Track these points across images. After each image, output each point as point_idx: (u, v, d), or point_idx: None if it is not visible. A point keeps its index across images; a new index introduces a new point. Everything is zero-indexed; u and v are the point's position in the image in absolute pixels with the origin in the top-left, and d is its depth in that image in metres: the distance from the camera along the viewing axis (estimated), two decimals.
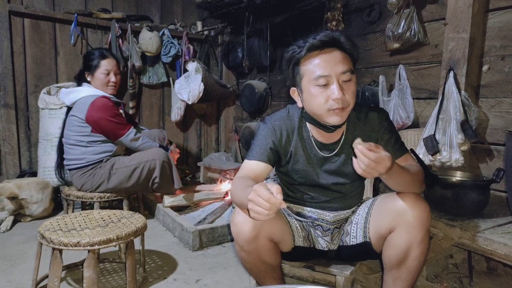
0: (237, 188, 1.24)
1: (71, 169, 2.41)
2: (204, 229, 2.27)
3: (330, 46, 1.24)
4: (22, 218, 2.69)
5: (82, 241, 1.44)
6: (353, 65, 1.29)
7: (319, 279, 1.49)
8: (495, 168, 1.61)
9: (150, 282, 1.85)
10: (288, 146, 1.42)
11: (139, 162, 2.40)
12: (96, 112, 2.32)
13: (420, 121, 2.33)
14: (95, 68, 2.45)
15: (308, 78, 1.26)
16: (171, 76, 3.78)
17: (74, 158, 2.38)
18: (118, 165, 2.38)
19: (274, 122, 1.42)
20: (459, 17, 1.98)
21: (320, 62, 1.23)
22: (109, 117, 2.34)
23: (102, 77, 2.45)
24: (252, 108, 3.67)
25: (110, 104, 2.37)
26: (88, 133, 2.36)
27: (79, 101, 2.37)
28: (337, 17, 2.70)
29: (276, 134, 1.40)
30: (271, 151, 1.39)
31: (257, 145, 1.40)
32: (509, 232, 1.49)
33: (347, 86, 1.24)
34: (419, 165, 1.40)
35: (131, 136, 2.43)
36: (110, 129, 2.37)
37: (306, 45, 1.24)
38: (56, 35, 3.21)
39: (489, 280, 1.81)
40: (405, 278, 1.32)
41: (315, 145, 1.41)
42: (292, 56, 1.29)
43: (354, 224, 1.46)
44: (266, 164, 1.37)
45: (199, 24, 3.95)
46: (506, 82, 1.96)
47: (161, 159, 2.43)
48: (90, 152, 2.38)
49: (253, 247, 1.29)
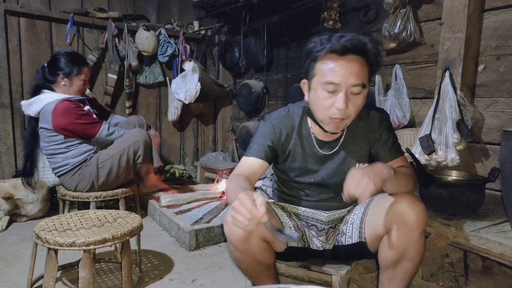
0: (231, 187, 1.25)
1: (59, 175, 2.36)
2: (200, 229, 2.27)
3: (352, 53, 1.19)
4: (18, 218, 2.68)
5: (78, 241, 1.44)
6: (370, 77, 1.26)
7: (315, 278, 1.49)
8: (491, 168, 1.61)
9: (146, 282, 1.84)
10: (287, 145, 1.41)
11: (123, 148, 2.34)
12: (60, 118, 2.21)
13: (416, 121, 2.33)
14: (75, 75, 2.34)
15: (318, 79, 1.23)
16: (167, 76, 3.77)
17: (58, 166, 2.32)
18: (103, 158, 2.32)
19: (274, 121, 1.41)
20: (455, 17, 1.98)
21: (334, 67, 1.19)
22: (76, 120, 2.24)
23: (81, 84, 2.38)
24: (249, 107, 3.67)
25: (72, 106, 2.25)
26: (62, 141, 2.28)
27: (42, 111, 2.26)
28: (333, 17, 2.70)
29: (276, 132, 1.40)
30: (269, 148, 1.38)
31: (256, 142, 1.40)
32: (504, 231, 1.49)
33: (354, 98, 1.22)
34: (411, 166, 1.40)
35: (105, 132, 2.34)
36: (81, 131, 2.28)
37: (327, 46, 1.18)
38: (52, 34, 3.19)
39: (485, 279, 1.81)
40: (400, 278, 1.32)
41: (315, 143, 1.41)
42: (311, 51, 1.24)
43: (350, 224, 1.46)
44: (263, 161, 1.37)
45: (196, 23, 3.95)
46: (502, 81, 1.96)
47: (143, 138, 2.39)
48: (71, 156, 2.31)
49: (246, 247, 1.28)
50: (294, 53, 3.30)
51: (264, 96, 3.60)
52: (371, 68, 1.24)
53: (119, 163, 2.34)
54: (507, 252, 1.38)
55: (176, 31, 3.74)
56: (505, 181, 1.46)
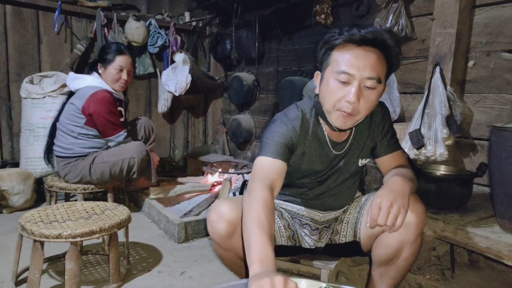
0: (252, 223, 1.01)
1: (57, 156, 2.39)
2: (189, 221, 2.26)
3: (371, 45, 1.13)
4: (4, 209, 2.63)
5: (64, 233, 1.42)
6: (388, 74, 1.19)
7: (304, 271, 1.49)
8: (479, 163, 1.63)
9: (134, 274, 1.83)
10: (302, 147, 1.32)
11: (118, 160, 2.35)
12: (93, 104, 2.28)
13: (406, 116, 2.35)
14: (109, 62, 2.43)
15: (332, 68, 1.16)
16: (158, 67, 3.72)
17: (61, 146, 2.36)
18: (98, 159, 2.34)
19: (294, 121, 1.29)
20: (446, 12, 1.99)
21: (350, 58, 1.12)
22: (105, 113, 2.30)
23: (114, 72, 2.43)
24: (240, 100, 3.65)
25: (110, 99, 2.34)
26: (81, 125, 2.33)
27: (81, 89, 2.36)
28: (325, 10, 2.70)
29: (296, 133, 1.28)
30: (288, 150, 1.26)
31: (276, 141, 1.24)
32: (490, 226, 1.51)
33: (367, 93, 1.15)
34: (410, 166, 1.39)
35: (120, 139, 2.39)
36: (102, 125, 2.33)
37: (345, 35, 1.12)
38: (39, 22, 3.12)
39: (471, 272, 1.84)
40: (392, 276, 1.31)
41: (329, 144, 1.33)
42: (328, 40, 1.17)
43: (345, 223, 1.44)
44: (284, 164, 1.24)
45: (187, 14, 3.90)
46: (491, 78, 1.98)
47: (140, 156, 2.39)
48: (78, 144, 2.34)
49: (229, 245, 1.24)
50: (286, 46, 3.29)
51: (255, 89, 3.59)
52: (390, 66, 1.18)
53: (110, 172, 2.35)
54: (493, 246, 1.40)
55: (166, 22, 3.69)
56: (493, 176, 1.48)
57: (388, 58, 1.16)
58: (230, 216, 1.21)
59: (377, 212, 1.09)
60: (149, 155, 2.48)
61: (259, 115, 3.68)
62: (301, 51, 3.15)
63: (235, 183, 2.82)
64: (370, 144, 1.40)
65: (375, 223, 1.09)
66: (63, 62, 3.21)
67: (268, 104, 3.55)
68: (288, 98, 2.99)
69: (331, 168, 1.38)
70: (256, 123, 3.71)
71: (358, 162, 1.40)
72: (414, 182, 1.28)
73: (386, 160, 1.39)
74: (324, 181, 1.39)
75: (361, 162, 1.40)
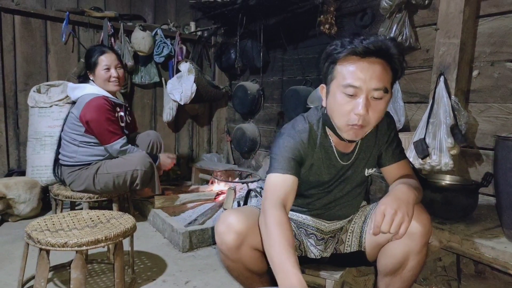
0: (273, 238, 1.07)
1: (62, 164, 2.41)
2: (194, 230, 2.26)
3: (375, 55, 1.12)
4: (10, 217, 2.65)
5: (70, 241, 1.42)
6: (393, 82, 1.19)
7: (308, 281, 1.49)
8: (484, 173, 1.62)
9: (139, 283, 1.83)
10: (310, 159, 1.32)
11: (122, 171, 2.36)
12: (89, 112, 2.29)
13: (410, 125, 2.35)
14: (94, 66, 2.43)
15: (338, 82, 1.16)
16: (163, 76, 3.75)
17: (66, 155, 2.38)
18: (102, 170, 2.35)
19: (301, 134, 1.29)
20: (450, 22, 2.00)
21: (355, 70, 1.12)
22: (101, 120, 2.31)
23: (103, 73, 2.42)
24: (244, 109, 3.67)
25: (106, 106, 2.34)
26: (81, 133, 2.35)
27: (80, 98, 2.38)
28: (330, 20, 2.72)
29: (304, 146, 1.28)
30: (297, 164, 1.27)
31: (284, 157, 1.24)
32: (496, 236, 1.50)
33: (375, 104, 1.14)
34: (415, 176, 1.38)
35: (117, 147, 2.38)
36: (98, 133, 2.34)
37: (348, 48, 1.12)
38: (47, 32, 3.17)
39: (477, 283, 1.82)
40: (398, 286, 1.31)
41: (337, 155, 1.33)
42: (331, 53, 1.17)
43: (350, 232, 1.44)
44: (295, 178, 1.24)
45: (193, 24, 3.94)
46: (496, 87, 1.98)
47: (143, 169, 2.39)
48: (80, 152, 2.37)
49: (237, 256, 1.24)
50: (290, 55, 3.31)
51: (259, 98, 3.60)
52: (395, 74, 1.18)
53: (114, 183, 2.37)
54: (499, 257, 1.39)
55: (172, 31, 3.73)
56: (499, 186, 1.47)
57: (393, 66, 1.16)
58: (239, 228, 1.21)
59: (381, 219, 1.09)
60: (153, 167, 2.48)
61: (263, 124, 3.69)
62: (305, 60, 3.17)
63: (240, 192, 2.82)
64: (376, 153, 1.40)
65: (378, 230, 1.09)
66: (70, 71, 3.25)
67: (273, 113, 3.56)
68: (293, 107, 3.00)
69: (338, 178, 1.38)
70: (260, 132, 3.72)
71: (365, 172, 1.40)
72: (420, 192, 1.27)
73: (392, 169, 1.40)
74: (330, 191, 1.39)
75: (367, 172, 1.40)
